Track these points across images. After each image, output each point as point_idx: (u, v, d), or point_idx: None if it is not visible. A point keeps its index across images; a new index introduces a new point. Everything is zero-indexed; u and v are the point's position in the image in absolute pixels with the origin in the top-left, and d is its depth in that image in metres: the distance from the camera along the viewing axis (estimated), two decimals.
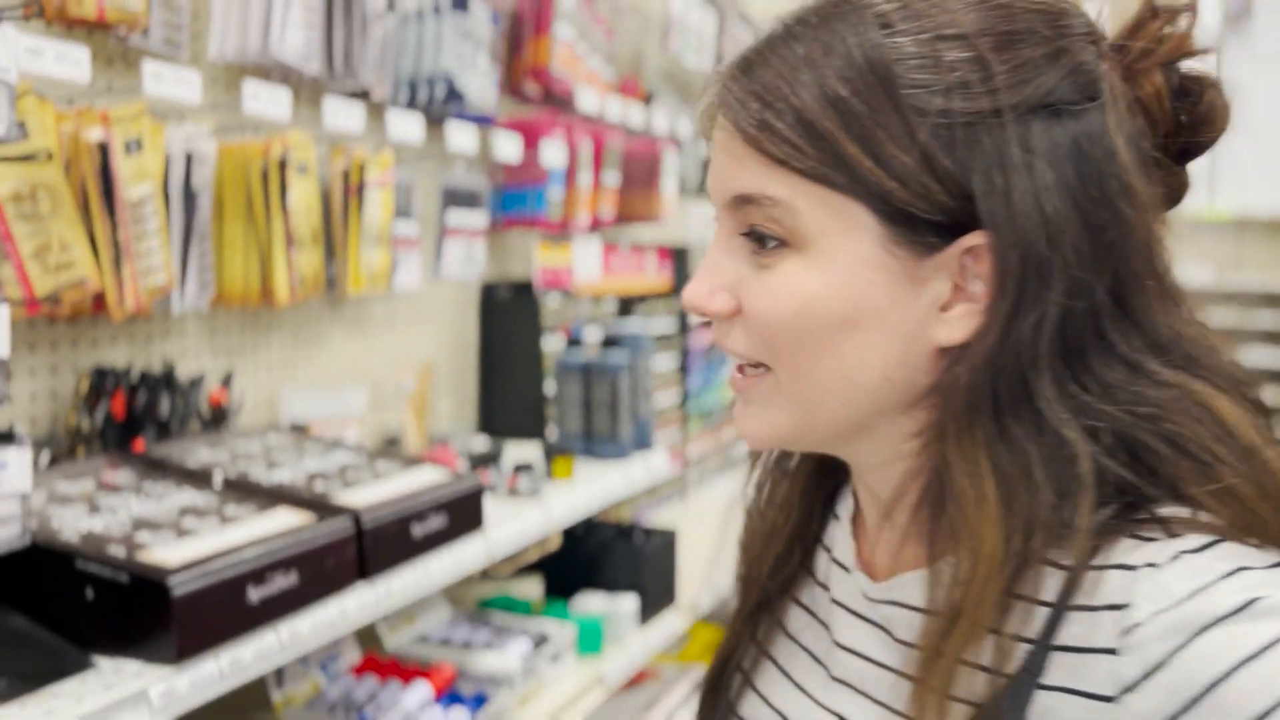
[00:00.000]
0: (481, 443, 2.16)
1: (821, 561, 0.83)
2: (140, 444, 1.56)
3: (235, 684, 1.20)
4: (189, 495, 1.39)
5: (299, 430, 1.83)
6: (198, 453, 1.55)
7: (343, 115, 1.70)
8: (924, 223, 0.66)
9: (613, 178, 2.67)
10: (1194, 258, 7.44)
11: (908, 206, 0.65)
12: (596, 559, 2.19)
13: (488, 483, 1.84)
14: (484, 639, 1.90)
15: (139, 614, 1.14)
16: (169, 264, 1.52)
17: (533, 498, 1.88)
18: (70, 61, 1.23)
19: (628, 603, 2.12)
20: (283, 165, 1.67)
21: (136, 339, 1.66)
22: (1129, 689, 0.60)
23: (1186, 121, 0.71)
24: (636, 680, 2.50)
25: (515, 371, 2.46)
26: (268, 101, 1.54)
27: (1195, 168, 0.72)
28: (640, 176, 2.84)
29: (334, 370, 2.07)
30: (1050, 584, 0.65)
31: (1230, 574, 0.60)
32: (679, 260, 3.15)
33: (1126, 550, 0.63)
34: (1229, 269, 7.46)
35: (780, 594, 0.85)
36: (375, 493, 1.48)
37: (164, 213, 1.51)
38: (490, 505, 1.69)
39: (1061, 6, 0.68)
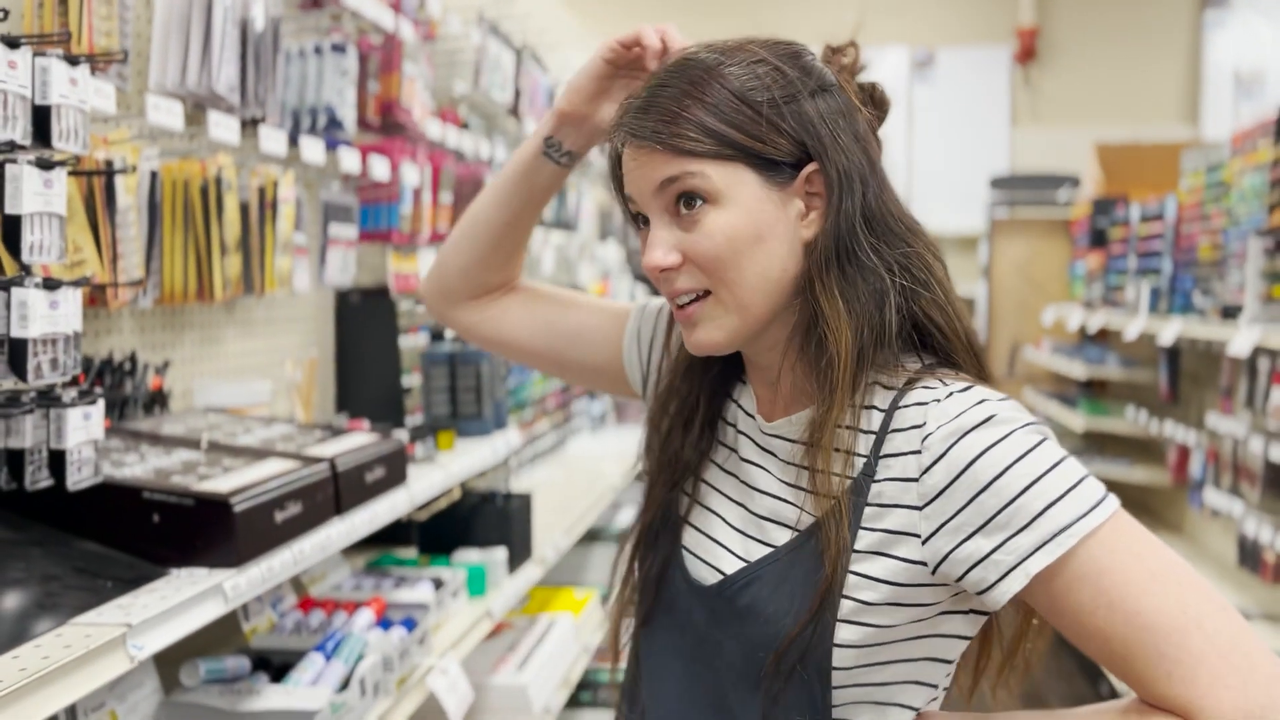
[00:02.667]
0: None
1: (730, 432, 1.21)
2: (107, 422, 1.81)
3: (273, 584, 1.51)
4: (185, 454, 1.67)
5: (225, 412, 2.10)
6: (164, 426, 1.82)
7: (273, 142, 2.01)
8: (779, 164, 1.05)
9: (447, 197, 3.04)
10: None
11: (768, 156, 1.05)
12: (467, 521, 2.55)
13: None
14: (390, 584, 2.23)
15: (204, 530, 1.44)
16: (142, 265, 1.78)
17: (430, 461, 2.23)
18: (103, 95, 1.51)
19: (499, 554, 2.49)
20: (218, 182, 1.96)
21: (86, 334, 1.89)
22: (926, 470, 1.00)
23: (873, 101, 1.19)
24: (496, 631, 2.88)
25: (373, 367, 2.78)
26: (225, 129, 1.84)
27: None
28: (466, 197, 3.22)
29: (231, 366, 2.33)
30: (876, 419, 1.06)
31: (978, 403, 1.01)
32: None
33: (919, 394, 1.05)
34: None
35: (699, 462, 1.21)
36: (333, 448, 1.80)
37: (139, 222, 1.77)
38: None
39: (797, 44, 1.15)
